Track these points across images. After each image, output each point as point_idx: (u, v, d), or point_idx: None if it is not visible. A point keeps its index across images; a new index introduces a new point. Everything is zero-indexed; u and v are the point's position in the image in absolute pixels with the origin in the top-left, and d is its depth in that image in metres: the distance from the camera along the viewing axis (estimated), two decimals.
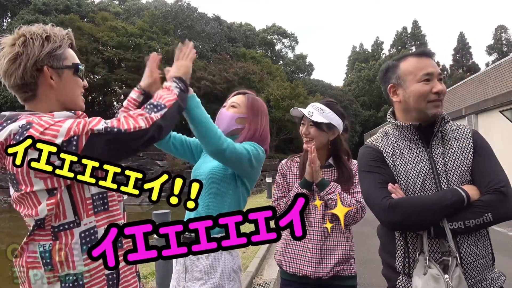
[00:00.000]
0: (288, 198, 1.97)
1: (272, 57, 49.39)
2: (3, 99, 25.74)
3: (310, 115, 1.94)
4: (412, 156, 1.48)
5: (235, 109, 1.85)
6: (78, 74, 1.30)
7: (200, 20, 37.81)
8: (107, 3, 41.88)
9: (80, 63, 1.32)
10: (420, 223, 1.39)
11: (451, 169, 1.43)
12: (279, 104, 30.89)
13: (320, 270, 1.88)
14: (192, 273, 1.69)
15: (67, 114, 1.24)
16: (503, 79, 13.54)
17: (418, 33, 58.64)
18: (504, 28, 54.71)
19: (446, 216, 1.35)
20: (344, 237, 1.94)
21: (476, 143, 1.45)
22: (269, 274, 5.10)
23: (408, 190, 1.44)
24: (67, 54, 1.28)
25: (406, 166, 1.47)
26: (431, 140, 1.47)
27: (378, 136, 1.62)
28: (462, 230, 1.35)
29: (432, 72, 1.43)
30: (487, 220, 1.33)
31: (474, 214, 1.34)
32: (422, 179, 1.43)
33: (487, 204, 1.34)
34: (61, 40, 1.25)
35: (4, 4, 32.22)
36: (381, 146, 1.56)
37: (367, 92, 51.80)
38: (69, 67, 1.27)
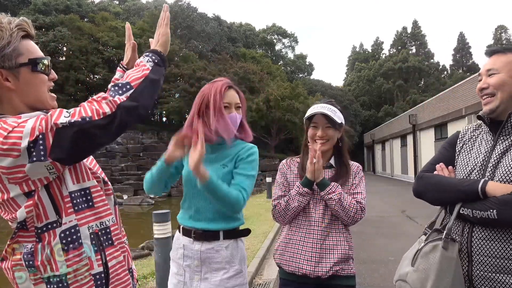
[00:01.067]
0: (289, 197, 1.98)
1: (272, 57, 49.37)
2: None
3: (333, 114, 1.96)
4: (478, 147, 1.54)
5: (240, 110, 1.89)
6: (39, 70, 1.15)
7: (200, 20, 37.79)
8: (107, 3, 41.88)
9: (40, 56, 1.17)
10: (436, 198, 1.54)
11: (502, 166, 1.40)
12: (279, 104, 30.87)
13: (319, 269, 1.88)
14: (210, 265, 1.79)
15: (37, 114, 1.11)
16: None
17: (418, 33, 58.62)
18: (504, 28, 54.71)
19: (462, 200, 1.42)
20: (343, 237, 1.95)
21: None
22: (269, 274, 5.10)
23: (457, 175, 1.55)
24: (21, 50, 1.12)
25: (468, 154, 1.56)
26: (498, 135, 1.48)
27: (475, 123, 1.69)
28: (471, 218, 1.39)
29: (480, 72, 1.54)
30: (491, 216, 1.32)
31: (482, 206, 1.35)
32: (471, 168, 1.50)
33: (497, 201, 1.33)
34: (9, 35, 1.09)
35: (4, 4, 32.25)
36: (464, 131, 1.66)
37: (367, 92, 51.77)
38: (25, 64, 1.12)
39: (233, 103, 1.83)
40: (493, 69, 1.47)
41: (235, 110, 1.84)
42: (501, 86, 1.45)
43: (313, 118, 2.01)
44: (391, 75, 51.15)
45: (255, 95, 31.47)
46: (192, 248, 1.81)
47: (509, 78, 1.45)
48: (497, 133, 1.48)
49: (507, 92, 1.44)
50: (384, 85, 50.30)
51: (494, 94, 1.46)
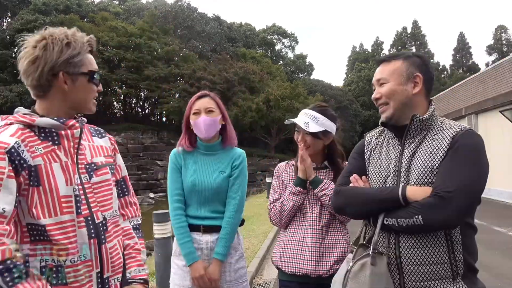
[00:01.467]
0: (283, 197, 1.99)
1: (272, 57, 49.37)
2: (3, 99, 25.77)
3: (306, 126, 1.95)
4: (387, 153, 1.54)
5: (214, 113, 2.08)
6: (93, 81, 1.31)
7: (200, 20, 37.79)
8: (107, 3, 41.88)
9: (97, 70, 1.33)
10: (358, 211, 1.52)
11: (414, 169, 1.40)
12: (279, 104, 30.90)
13: (320, 268, 1.88)
14: None
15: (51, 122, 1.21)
16: (503, 79, 13.53)
17: (418, 33, 58.63)
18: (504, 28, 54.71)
19: (385, 211, 1.39)
20: (342, 235, 1.96)
21: (454, 145, 1.36)
22: (269, 274, 5.10)
23: (372, 184, 1.53)
24: (85, 61, 1.28)
25: (378, 161, 1.56)
26: (404, 139, 1.48)
27: (377, 129, 1.69)
28: (397, 227, 1.35)
29: (372, 82, 1.57)
30: (417, 222, 1.29)
31: (406, 214, 1.32)
32: (385, 175, 1.49)
33: (420, 206, 1.30)
34: (80, 47, 1.26)
35: (4, 4, 32.22)
36: (369, 139, 1.66)
37: (367, 92, 51.72)
38: (85, 74, 1.28)
39: (202, 108, 2.06)
40: (382, 78, 1.51)
41: (206, 114, 2.06)
42: (391, 95, 1.48)
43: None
44: None
45: (255, 95, 31.49)
46: (202, 239, 2.06)
47: (397, 86, 1.47)
48: (403, 137, 1.48)
49: (398, 100, 1.47)
50: None
51: (387, 103, 1.49)
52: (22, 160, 1.13)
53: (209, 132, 2.05)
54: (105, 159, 1.38)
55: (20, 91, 26.03)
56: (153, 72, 30.61)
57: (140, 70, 31.29)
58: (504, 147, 12.89)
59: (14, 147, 1.13)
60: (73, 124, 1.26)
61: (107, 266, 1.27)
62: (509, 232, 7.59)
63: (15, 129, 1.17)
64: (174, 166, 2.12)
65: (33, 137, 1.19)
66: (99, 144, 1.41)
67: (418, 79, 1.47)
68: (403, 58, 1.50)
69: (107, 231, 1.30)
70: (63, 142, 1.24)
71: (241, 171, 2.13)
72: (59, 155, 1.22)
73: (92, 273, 1.23)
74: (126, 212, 1.50)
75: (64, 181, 1.20)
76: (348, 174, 1.61)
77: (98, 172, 1.32)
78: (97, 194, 1.30)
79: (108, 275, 1.28)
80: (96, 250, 1.24)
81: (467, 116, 16.07)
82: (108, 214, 1.32)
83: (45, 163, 1.18)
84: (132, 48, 30.95)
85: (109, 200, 1.34)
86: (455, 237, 1.35)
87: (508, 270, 5.09)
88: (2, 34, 29.90)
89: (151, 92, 32.54)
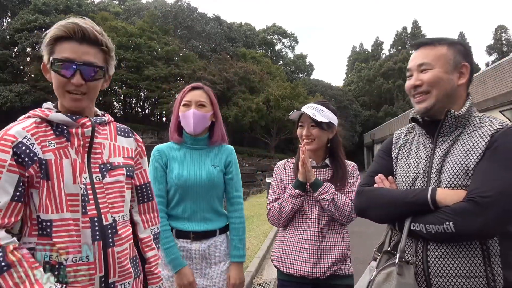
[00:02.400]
0: (282, 199, 1.97)
1: (272, 57, 49.35)
2: (3, 99, 25.75)
3: (313, 115, 1.94)
4: (417, 152, 1.40)
5: (205, 109, 1.95)
6: (54, 69, 1.19)
7: (200, 20, 37.78)
8: (107, 3, 41.87)
9: (58, 57, 1.19)
10: (382, 215, 1.36)
11: (447, 170, 1.26)
12: (279, 104, 30.88)
13: (317, 270, 1.88)
14: (211, 260, 1.93)
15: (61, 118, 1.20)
16: (503, 79, 13.53)
17: (418, 33, 58.59)
18: (504, 28, 54.70)
19: (411, 215, 1.25)
20: (340, 237, 1.95)
21: (493, 144, 1.21)
22: (269, 274, 5.09)
23: (399, 185, 1.39)
24: (55, 49, 1.20)
25: (407, 160, 1.41)
26: (436, 137, 1.34)
27: (407, 125, 1.53)
28: (425, 234, 1.22)
29: (409, 67, 1.38)
30: (448, 229, 1.15)
31: (436, 219, 1.18)
32: (414, 176, 1.35)
33: (452, 211, 1.16)
34: (46, 35, 1.20)
35: (4, 4, 32.21)
36: (398, 136, 1.51)
37: (367, 92, 51.74)
38: (51, 62, 1.20)
39: (193, 101, 1.92)
40: (425, 63, 1.32)
41: (197, 107, 1.92)
42: (436, 83, 1.30)
43: (301, 117, 2.04)
44: (391, 75, 51.10)
45: (255, 95, 31.49)
46: (191, 248, 1.89)
47: (444, 74, 1.30)
48: (435, 134, 1.33)
49: (443, 90, 1.30)
50: (384, 85, 50.27)
51: (429, 91, 1.31)
52: (32, 153, 1.13)
53: (197, 127, 1.91)
54: (123, 160, 1.33)
55: (20, 91, 26.05)
56: (153, 72, 30.62)
57: (140, 70, 31.30)
58: None
59: (22, 142, 1.13)
60: (84, 123, 1.23)
61: (114, 271, 1.21)
62: None
63: (30, 123, 1.18)
64: (156, 164, 1.94)
65: (48, 132, 1.19)
66: (121, 144, 1.36)
67: (465, 69, 1.33)
68: (448, 44, 1.33)
69: (117, 234, 1.24)
70: (73, 140, 1.22)
71: (237, 168, 2.07)
72: (70, 152, 1.20)
73: (94, 276, 1.17)
74: (148, 219, 1.45)
75: (72, 179, 1.18)
76: (372, 174, 1.46)
77: (113, 172, 1.28)
78: (109, 195, 1.25)
79: (114, 280, 1.22)
80: (100, 253, 1.18)
81: None
82: (118, 217, 1.26)
83: (56, 158, 1.17)
84: (132, 48, 30.93)
85: (121, 202, 1.29)
86: (493, 248, 1.19)
87: None
88: (2, 34, 29.88)
89: (151, 92, 32.54)
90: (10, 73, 27.90)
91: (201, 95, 1.95)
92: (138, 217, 1.43)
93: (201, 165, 1.95)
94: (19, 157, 1.11)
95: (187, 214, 1.91)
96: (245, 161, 28.77)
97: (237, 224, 2.00)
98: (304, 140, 2.00)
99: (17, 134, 1.13)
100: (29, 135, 1.15)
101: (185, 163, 1.94)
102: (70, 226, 1.16)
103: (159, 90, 30.87)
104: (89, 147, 1.24)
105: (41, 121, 1.20)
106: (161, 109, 32.45)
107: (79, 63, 1.19)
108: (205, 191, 1.92)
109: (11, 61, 27.84)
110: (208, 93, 1.99)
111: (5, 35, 29.96)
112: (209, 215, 1.94)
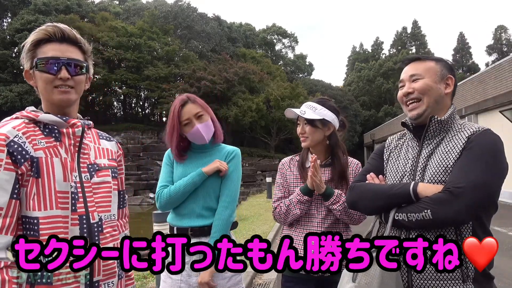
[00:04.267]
0: (290, 202, 1.98)
1: (272, 57, 49.31)
2: (3, 99, 25.74)
3: (302, 113, 1.98)
4: (405, 153, 1.57)
5: (204, 117, 2.01)
6: (39, 69, 1.26)
7: (200, 20, 37.76)
8: (107, 3, 41.85)
9: (41, 57, 1.26)
10: (370, 206, 1.53)
11: (430, 168, 1.42)
12: (279, 104, 30.85)
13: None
14: None
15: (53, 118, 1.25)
16: (503, 79, 13.53)
17: (418, 33, 58.59)
18: (504, 28, 54.68)
19: (396, 206, 1.40)
20: (345, 236, 1.94)
21: (469, 144, 1.38)
22: (269, 274, 5.09)
23: (389, 181, 1.56)
24: (37, 52, 1.27)
25: (396, 161, 1.59)
26: (422, 140, 1.50)
27: (400, 132, 1.72)
28: (407, 223, 1.35)
29: (402, 78, 1.56)
30: (426, 217, 1.30)
31: (416, 208, 1.33)
32: (401, 174, 1.52)
33: (430, 200, 1.31)
34: (27, 41, 1.27)
35: (4, 4, 32.20)
36: (390, 141, 1.70)
37: (367, 92, 51.72)
38: (34, 65, 1.27)
39: (192, 116, 1.97)
40: (417, 74, 1.50)
41: (197, 120, 1.97)
42: (426, 90, 1.47)
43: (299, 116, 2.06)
44: (391, 75, 51.08)
45: (255, 95, 31.47)
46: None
47: (433, 83, 1.48)
48: (422, 137, 1.50)
49: (433, 97, 1.47)
50: (384, 85, 50.24)
51: (420, 99, 1.48)
52: (24, 151, 1.15)
53: (208, 136, 2.02)
54: (108, 161, 1.38)
55: (20, 91, 26.03)
56: (153, 72, 30.60)
57: (140, 70, 31.27)
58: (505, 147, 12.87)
59: (14, 140, 1.15)
60: (75, 123, 1.28)
61: (98, 269, 1.23)
62: (509, 232, 7.59)
63: (19, 123, 1.21)
64: (167, 162, 2.10)
65: (36, 132, 1.22)
66: (105, 146, 1.42)
67: (450, 81, 1.51)
68: (435, 60, 1.54)
69: (103, 232, 1.28)
70: (64, 140, 1.25)
71: (234, 167, 2.06)
72: (60, 151, 1.23)
73: (80, 273, 1.19)
74: (123, 224, 1.49)
75: (62, 176, 1.21)
76: (365, 173, 1.65)
77: (100, 173, 1.32)
78: (96, 195, 1.29)
79: (99, 279, 1.24)
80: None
81: (467, 116, 16.06)
82: (105, 216, 1.30)
83: (46, 157, 1.19)
84: (132, 48, 30.91)
85: (108, 202, 1.33)
86: (466, 235, 1.33)
87: (508, 270, 5.09)
88: (2, 34, 29.86)
89: (151, 92, 32.52)
90: (10, 73, 27.88)
91: (193, 108, 1.99)
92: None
93: (201, 166, 2.01)
94: (11, 155, 1.13)
95: (186, 212, 1.99)
96: (245, 161, 28.73)
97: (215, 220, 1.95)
98: (300, 137, 2.04)
99: (9, 133, 1.16)
100: (20, 133, 1.17)
101: (187, 164, 2.04)
102: (58, 223, 1.18)
103: (159, 90, 30.84)
104: (79, 146, 1.28)
105: (29, 121, 1.23)
106: (161, 109, 32.40)
107: (64, 59, 1.26)
108: (202, 190, 1.98)
109: (11, 61, 27.81)
110: (196, 101, 2.03)
111: (5, 35, 29.94)
112: (205, 212, 1.99)
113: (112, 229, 1.34)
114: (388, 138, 1.74)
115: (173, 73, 31.95)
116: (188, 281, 1.91)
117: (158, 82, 31.13)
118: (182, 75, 32.53)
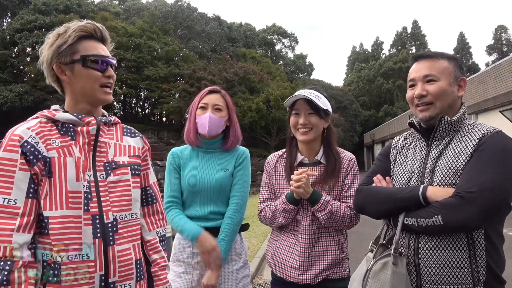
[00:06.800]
0: (276, 209, 1.85)
1: (272, 57, 49.29)
2: (3, 99, 25.70)
3: (316, 98, 1.78)
4: (413, 154, 1.51)
5: (221, 113, 1.96)
6: (89, 66, 1.27)
7: (200, 20, 37.75)
8: (107, 3, 41.84)
9: (94, 54, 1.28)
10: (378, 210, 1.48)
11: (439, 170, 1.37)
12: (279, 104, 30.82)
13: (308, 276, 1.80)
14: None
15: (68, 117, 1.24)
16: (503, 79, 13.53)
17: (418, 33, 58.57)
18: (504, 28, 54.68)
19: (405, 210, 1.37)
20: (334, 241, 1.85)
21: (480, 146, 1.32)
22: (269, 274, 5.07)
23: (396, 184, 1.51)
24: (78, 48, 1.27)
25: (403, 162, 1.53)
26: (431, 140, 1.45)
27: (406, 132, 1.67)
28: (416, 228, 1.32)
29: (413, 77, 1.46)
30: (437, 222, 1.26)
31: (426, 213, 1.29)
32: (408, 176, 1.47)
33: (440, 206, 1.27)
34: (69, 35, 1.25)
35: (4, 4, 32.18)
36: (396, 141, 1.64)
37: (367, 92, 51.71)
38: (77, 60, 1.26)
39: (210, 104, 1.95)
40: (432, 75, 1.41)
41: (213, 110, 1.94)
42: (441, 95, 1.39)
43: (295, 104, 1.86)
44: (391, 75, 51.09)
45: (255, 95, 31.46)
46: None
47: (448, 86, 1.40)
48: (430, 138, 1.44)
49: (447, 101, 1.40)
50: (384, 85, 50.25)
51: (433, 102, 1.41)
52: (36, 151, 1.16)
53: (212, 130, 1.94)
54: (128, 158, 1.34)
55: (20, 91, 25.99)
56: (153, 72, 30.58)
57: (140, 70, 31.24)
58: None
59: (28, 141, 1.16)
60: (89, 121, 1.26)
61: (114, 270, 1.21)
62: (509, 232, 7.58)
63: (35, 123, 1.21)
64: (171, 167, 1.99)
65: (53, 131, 1.22)
66: (127, 143, 1.39)
67: (463, 83, 1.44)
68: (448, 58, 1.44)
69: (117, 232, 1.24)
70: (78, 138, 1.25)
71: (245, 169, 2.01)
72: (74, 150, 1.22)
73: (94, 274, 1.17)
74: (152, 221, 1.45)
75: (75, 176, 1.19)
76: (371, 175, 1.60)
77: (117, 171, 1.29)
78: (112, 194, 1.26)
79: (114, 280, 1.21)
80: (100, 251, 1.19)
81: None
82: (121, 215, 1.26)
83: (59, 156, 1.19)
84: (132, 48, 30.87)
85: (125, 201, 1.29)
86: (478, 241, 1.29)
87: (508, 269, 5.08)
88: (2, 34, 29.82)
89: (151, 92, 32.49)
90: (10, 73, 27.83)
91: (218, 99, 1.98)
92: (142, 219, 1.42)
93: (212, 168, 1.97)
94: (25, 155, 1.14)
95: (195, 214, 1.95)
96: None
97: (224, 223, 1.93)
98: (299, 129, 1.84)
99: (22, 133, 1.17)
100: (34, 134, 1.18)
101: (196, 167, 1.97)
102: (70, 223, 1.16)
103: (159, 90, 30.81)
104: (94, 145, 1.26)
105: (47, 121, 1.24)
106: (161, 109, 32.38)
107: (111, 58, 1.32)
108: (213, 194, 1.94)
109: (11, 61, 27.78)
110: (225, 97, 2.01)
111: (5, 35, 29.90)
112: (215, 216, 1.95)
113: (131, 229, 1.30)
114: (395, 138, 1.68)
115: (173, 73, 31.91)
116: (199, 280, 1.90)
117: (158, 82, 31.11)
118: (182, 75, 32.49)
